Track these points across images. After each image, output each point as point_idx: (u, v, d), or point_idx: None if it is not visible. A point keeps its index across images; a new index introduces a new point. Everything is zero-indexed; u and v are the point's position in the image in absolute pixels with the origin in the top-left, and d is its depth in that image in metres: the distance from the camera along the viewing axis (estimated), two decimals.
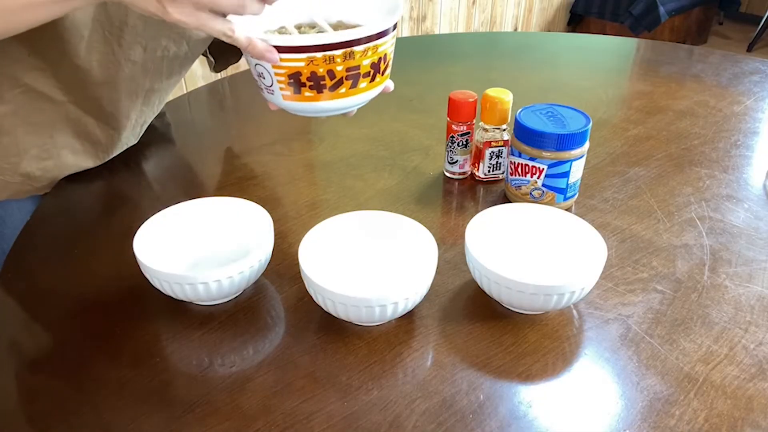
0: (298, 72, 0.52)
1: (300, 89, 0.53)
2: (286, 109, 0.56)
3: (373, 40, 0.53)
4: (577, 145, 0.63)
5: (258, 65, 0.53)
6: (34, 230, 0.67)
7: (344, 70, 0.52)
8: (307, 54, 0.51)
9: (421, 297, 0.52)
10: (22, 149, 0.67)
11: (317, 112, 0.55)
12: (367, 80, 0.55)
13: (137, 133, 0.77)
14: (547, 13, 3.27)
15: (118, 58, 0.64)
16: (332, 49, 0.51)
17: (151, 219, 0.57)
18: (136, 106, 0.71)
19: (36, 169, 0.69)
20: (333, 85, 0.53)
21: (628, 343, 0.51)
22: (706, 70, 1.08)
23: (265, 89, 0.55)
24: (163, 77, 0.72)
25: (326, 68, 0.52)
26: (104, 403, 0.47)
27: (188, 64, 0.75)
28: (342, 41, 0.51)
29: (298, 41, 0.50)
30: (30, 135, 0.66)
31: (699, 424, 0.45)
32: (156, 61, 0.69)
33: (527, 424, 0.45)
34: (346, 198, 0.72)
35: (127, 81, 0.67)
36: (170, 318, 0.55)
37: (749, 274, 0.59)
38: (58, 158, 0.70)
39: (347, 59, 0.52)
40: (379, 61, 0.55)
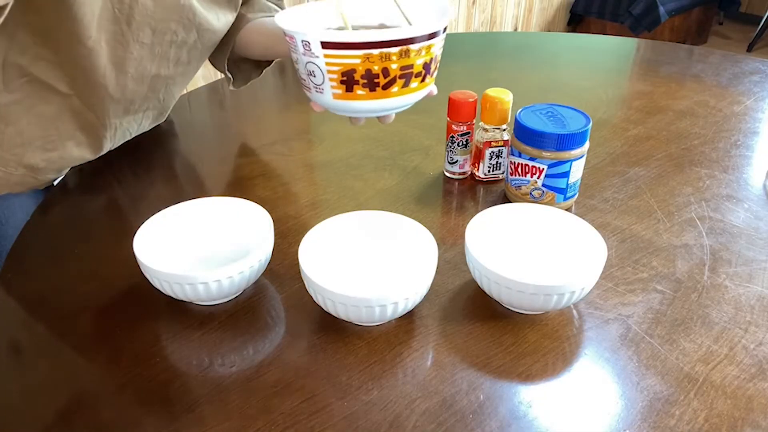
0: (352, 69, 0.51)
1: (353, 87, 0.52)
2: (334, 108, 0.56)
3: (428, 39, 0.52)
4: (577, 145, 0.63)
5: (309, 63, 0.52)
6: (35, 230, 0.67)
7: (398, 69, 0.52)
8: (364, 50, 0.50)
9: (421, 297, 0.52)
10: (27, 140, 0.67)
11: (366, 112, 0.55)
12: (418, 80, 0.54)
13: (139, 120, 0.77)
14: (547, 13, 3.27)
15: (127, 39, 0.64)
16: (390, 46, 0.50)
17: (151, 219, 0.57)
18: (141, 91, 0.71)
19: (40, 160, 0.69)
20: (386, 84, 0.52)
21: (628, 343, 0.51)
22: (706, 70, 1.08)
23: (314, 88, 0.54)
24: (170, 63, 0.71)
25: (381, 66, 0.51)
26: (104, 403, 0.47)
27: (196, 56, 0.75)
28: (401, 38, 0.50)
29: (355, 37, 0.49)
30: (34, 126, 0.66)
31: (699, 424, 0.45)
32: (164, 46, 0.69)
33: (527, 424, 0.45)
34: (346, 198, 0.72)
35: (135, 63, 0.67)
36: (170, 318, 0.55)
37: (749, 274, 0.59)
38: (62, 150, 0.70)
39: (402, 57, 0.51)
40: (430, 62, 0.55)
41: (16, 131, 0.65)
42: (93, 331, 0.54)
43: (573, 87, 1.02)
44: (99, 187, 0.75)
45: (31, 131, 0.66)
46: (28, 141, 0.67)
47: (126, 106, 0.72)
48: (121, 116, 0.73)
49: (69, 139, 0.70)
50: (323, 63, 0.51)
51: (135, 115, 0.75)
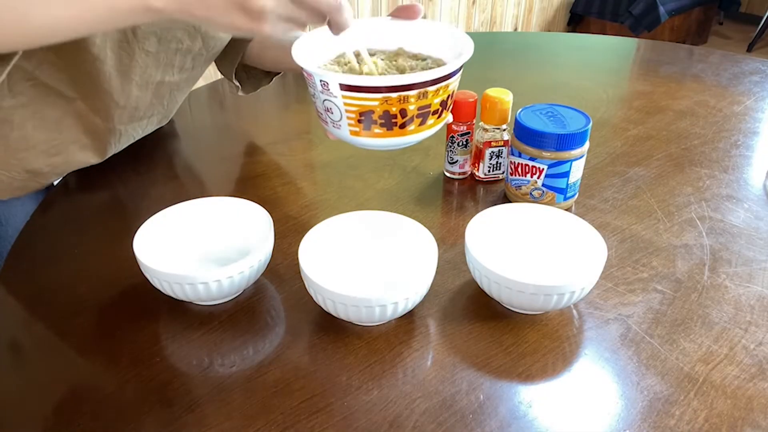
0: (370, 110, 0.51)
1: (370, 126, 0.53)
2: (350, 142, 0.56)
3: (446, 79, 0.52)
4: (577, 145, 0.63)
5: (327, 101, 0.53)
6: (35, 230, 0.67)
7: (416, 109, 0.52)
8: (383, 94, 0.50)
9: (421, 297, 0.52)
10: (31, 144, 0.67)
11: (382, 147, 0.55)
12: (435, 117, 0.55)
13: (144, 125, 0.77)
14: (547, 13, 3.27)
15: (133, 47, 0.64)
16: (408, 89, 0.50)
17: (151, 219, 0.57)
18: (145, 98, 0.71)
19: (44, 165, 0.69)
20: (403, 123, 0.53)
21: (628, 343, 0.51)
22: (706, 70, 1.08)
23: (331, 123, 0.55)
24: (175, 70, 0.71)
25: (399, 107, 0.51)
26: (104, 403, 0.47)
27: (200, 62, 0.75)
28: (418, 82, 0.50)
29: (374, 81, 0.50)
30: (39, 130, 0.66)
31: (699, 424, 0.45)
32: (169, 54, 0.69)
33: (527, 424, 0.45)
34: (346, 198, 0.72)
35: (140, 71, 0.67)
36: (170, 318, 0.55)
37: (749, 274, 0.59)
38: (67, 154, 0.70)
39: (420, 99, 0.52)
40: (447, 98, 0.55)
41: (21, 135, 0.65)
42: (93, 331, 0.54)
43: (573, 87, 1.02)
44: (99, 187, 0.75)
45: (35, 135, 0.66)
46: (32, 145, 0.67)
47: (131, 113, 0.72)
48: (126, 123, 0.73)
49: (73, 143, 0.70)
50: (341, 102, 0.51)
51: (140, 122, 0.76)
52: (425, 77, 0.50)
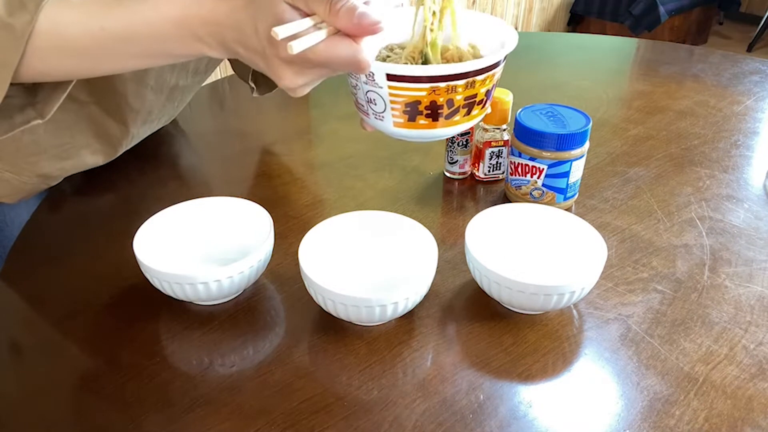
0: (417, 101, 0.50)
1: (416, 117, 0.52)
2: (393, 135, 0.55)
3: (493, 68, 0.52)
4: (577, 145, 0.63)
5: (371, 92, 0.52)
6: (35, 230, 0.67)
7: (463, 99, 0.51)
8: (431, 84, 0.49)
9: (421, 297, 0.52)
10: (43, 148, 0.67)
11: (426, 139, 0.54)
12: (479, 107, 0.54)
13: (153, 127, 0.77)
14: (547, 13, 3.27)
15: None
16: (457, 79, 0.49)
17: (151, 219, 0.57)
18: (159, 101, 0.71)
19: (55, 169, 0.69)
20: (449, 114, 0.52)
21: (628, 343, 0.51)
22: (706, 70, 1.08)
23: (373, 115, 0.54)
24: (189, 74, 0.72)
25: (447, 97, 0.50)
26: (104, 403, 0.47)
27: (213, 65, 0.75)
28: (468, 71, 0.49)
29: (423, 71, 0.49)
30: (51, 134, 0.66)
31: (699, 424, 0.45)
32: None
33: (527, 424, 0.45)
34: (346, 198, 0.72)
35: (155, 76, 0.67)
36: (170, 318, 0.55)
37: (749, 274, 0.59)
38: (77, 158, 0.70)
39: (468, 88, 0.51)
40: (492, 88, 0.54)
41: (32, 140, 0.65)
42: (93, 331, 0.54)
43: (573, 87, 1.02)
44: (99, 187, 0.75)
45: (47, 140, 0.66)
46: (43, 149, 0.67)
47: (144, 117, 0.72)
48: (139, 126, 0.73)
49: (84, 147, 0.70)
50: (387, 93, 0.50)
51: (151, 124, 0.76)
52: (474, 66, 0.49)
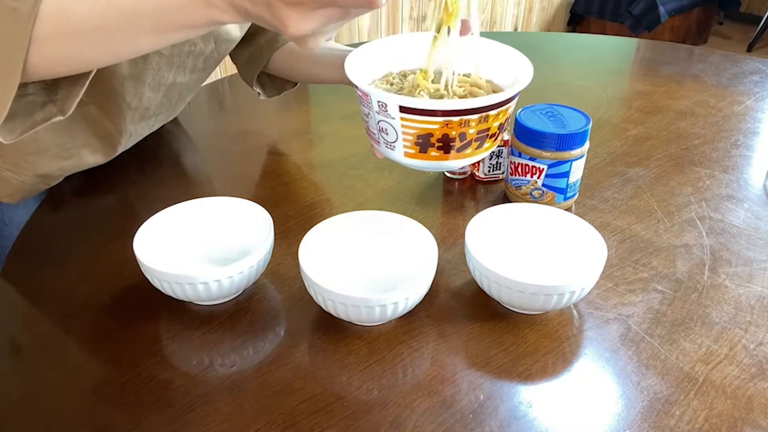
0: (429, 133, 0.50)
1: (427, 149, 0.51)
2: (402, 164, 0.55)
3: (507, 103, 0.52)
4: (577, 145, 0.63)
5: (383, 122, 0.51)
6: (35, 230, 0.67)
7: (476, 133, 0.51)
8: (444, 117, 0.49)
9: (421, 297, 0.52)
10: (43, 148, 0.67)
11: (437, 169, 0.54)
12: (491, 140, 0.54)
13: (151, 124, 0.77)
14: (547, 13, 3.27)
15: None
16: (470, 114, 0.49)
17: (151, 219, 0.57)
18: (156, 99, 0.71)
19: (55, 169, 0.70)
20: (461, 147, 0.52)
21: (628, 343, 0.51)
22: (706, 70, 1.08)
23: (384, 144, 0.54)
24: (186, 71, 0.72)
25: (459, 131, 0.50)
26: (104, 403, 0.47)
27: (212, 64, 0.75)
28: (482, 106, 0.49)
29: (436, 105, 0.48)
30: (50, 133, 0.66)
31: (699, 424, 0.45)
32: (182, 56, 0.69)
33: (527, 424, 0.45)
34: (346, 198, 0.72)
35: (153, 73, 0.67)
36: (170, 318, 0.55)
37: (749, 274, 0.59)
38: (77, 158, 0.70)
39: (481, 122, 0.51)
40: (506, 121, 0.54)
41: (32, 139, 0.65)
42: (93, 331, 0.54)
43: (573, 87, 1.02)
44: (99, 187, 0.75)
45: (47, 139, 0.66)
46: (43, 149, 0.67)
47: (141, 113, 0.72)
48: (136, 122, 0.73)
49: (84, 147, 0.70)
50: (399, 124, 0.50)
51: (148, 121, 0.76)
52: (488, 101, 0.49)
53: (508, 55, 0.58)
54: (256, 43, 0.79)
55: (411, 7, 2.53)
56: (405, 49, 0.60)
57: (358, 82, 0.51)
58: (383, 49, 0.59)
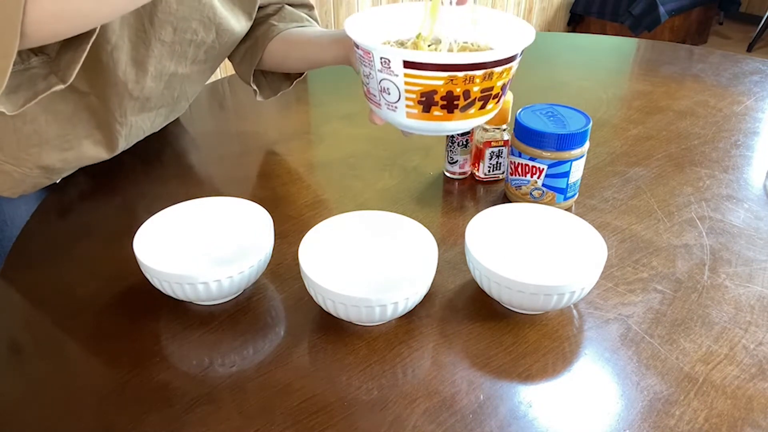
0: (433, 90, 0.49)
1: (430, 108, 0.50)
2: (404, 126, 0.54)
3: (511, 61, 0.50)
4: (577, 145, 0.63)
5: (385, 80, 0.50)
6: (35, 230, 0.67)
7: (479, 91, 0.50)
8: (449, 72, 0.48)
9: (421, 297, 0.52)
10: (44, 139, 0.67)
11: (438, 132, 0.53)
12: (494, 102, 0.53)
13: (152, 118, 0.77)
14: (547, 13, 3.27)
15: (149, 36, 0.64)
16: (476, 68, 0.48)
17: (151, 219, 0.57)
18: (158, 89, 0.71)
19: (57, 160, 0.69)
20: (465, 106, 0.50)
21: (628, 343, 0.51)
22: (706, 70, 1.08)
23: (386, 105, 0.52)
24: (188, 62, 0.72)
25: (464, 88, 0.49)
26: (104, 403, 0.47)
27: (213, 56, 0.74)
28: (487, 61, 0.48)
29: (442, 58, 0.47)
30: (52, 124, 0.66)
31: (699, 424, 0.45)
32: (184, 44, 0.69)
33: (527, 424, 0.45)
34: (346, 198, 0.72)
35: (155, 61, 0.67)
36: (170, 318, 0.55)
37: (749, 274, 0.59)
38: (79, 149, 0.70)
39: (485, 80, 0.49)
40: (508, 82, 0.53)
41: (33, 129, 0.65)
42: (93, 331, 0.54)
43: (573, 87, 1.02)
44: (99, 187, 0.75)
45: (48, 130, 0.66)
46: (45, 140, 0.67)
47: (142, 103, 0.72)
48: (136, 113, 0.72)
49: (86, 137, 0.70)
50: (402, 82, 0.49)
51: (149, 113, 0.75)
52: (493, 57, 0.48)
53: (508, 22, 0.57)
54: (252, 37, 0.79)
55: None
56: (403, 18, 0.58)
57: (360, 38, 0.50)
58: (381, 17, 0.58)
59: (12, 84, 0.53)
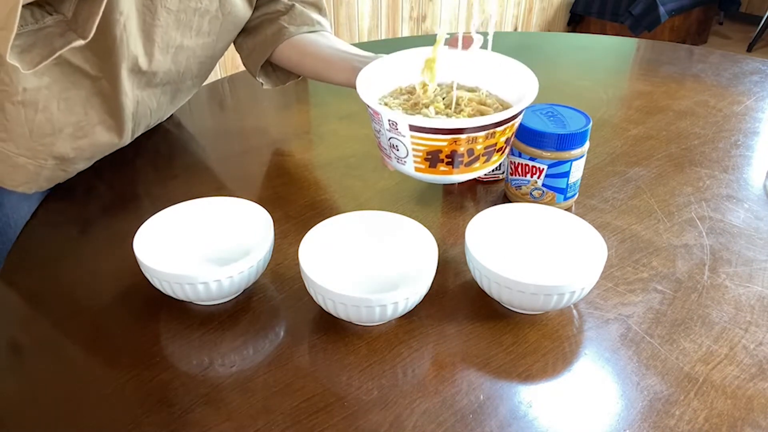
0: (438, 150, 0.53)
1: (436, 164, 0.54)
2: (413, 176, 0.57)
3: (514, 119, 0.53)
4: (577, 145, 0.63)
5: (393, 138, 0.54)
6: (35, 230, 0.67)
7: (483, 148, 0.53)
8: (452, 135, 0.51)
9: (421, 297, 0.52)
10: (57, 128, 0.66)
11: (446, 182, 0.57)
12: (498, 153, 0.56)
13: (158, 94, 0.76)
14: (547, 13, 3.27)
15: (156, 5, 0.65)
16: (477, 131, 0.51)
17: (151, 219, 0.57)
18: (165, 62, 0.71)
19: (70, 149, 0.69)
20: (469, 162, 0.54)
21: (628, 343, 0.51)
22: (706, 70, 1.08)
23: (396, 159, 0.56)
24: (193, 33, 0.72)
25: (467, 147, 0.53)
26: (104, 403, 0.47)
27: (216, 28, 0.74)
28: (488, 123, 0.51)
29: (444, 123, 0.51)
30: (64, 112, 0.66)
31: (699, 424, 0.45)
32: (188, 13, 0.69)
33: (527, 424, 0.45)
34: (346, 198, 0.72)
35: (161, 32, 0.67)
36: (170, 318, 0.55)
37: (749, 274, 0.59)
38: (92, 136, 0.70)
39: (488, 138, 0.53)
40: (512, 135, 0.56)
41: (46, 118, 0.65)
42: (93, 331, 0.54)
43: (573, 87, 1.02)
44: (99, 187, 0.75)
45: (61, 118, 0.66)
46: (58, 129, 0.66)
47: (149, 78, 0.72)
48: (143, 87, 0.72)
49: (99, 124, 0.70)
50: (409, 142, 0.53)
51: (155, 89, 0.75)
52: (494, 119, 0.51)
53: (513, 69, 0.60)
54: (262, 34, 0.80)
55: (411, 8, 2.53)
56: (413, 64, 0.62)
57: (370, 101, 0.54)
58: (392, 65, 0.62)
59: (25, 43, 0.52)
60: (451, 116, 0.57)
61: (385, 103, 0.60)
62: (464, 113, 0.57)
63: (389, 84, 0.62)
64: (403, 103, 0.59)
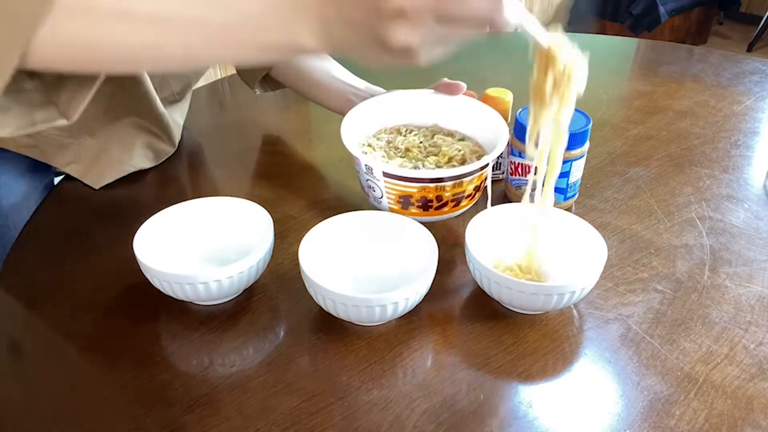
0: (409, 195, 0.58)
1: (408, 207, 0.60)
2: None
3: (480, 171, 0.59)
4: (577, 145, 0.63)
5: (369, 180, 0.60)
6: (35, 230, 0.67)
7: (451, 195, 0.59)
8: (421, 184, 0.57)
9: (421, 297, 0.52)
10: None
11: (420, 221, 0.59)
12: (468, 199, 0.61)
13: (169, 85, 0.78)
14: (547, 13, 3.27)
15: None
16: (444, 181, 0.57)
17: (151, 219, 0.57)
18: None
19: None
20: (438, 206, 0.59)
21: (628, 343, 0.51)
22: (706, 70, 1.08)
23: (373, 198, 0.62)
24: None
25: (435, 194, 0.58)
26: (104, 403, 0.47)
27: None
28: (455, 175, 0.57)
29: (414, 173, 0.57)
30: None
31: (699, 424, 0.45)
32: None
33: (527, 424, 0.45)
34: (346, 198, 0.72)
35: None
36: (170, 318, 0.55)
37: (749, 274, 0.59)
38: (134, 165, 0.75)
39: (455, 187, 0.58)
40: (481, 183, 0.61)
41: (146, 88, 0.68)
42: (93, 331, 0.54)
43: None
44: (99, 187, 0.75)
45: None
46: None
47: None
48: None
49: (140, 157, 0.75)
50: (383, 185, 0.59)
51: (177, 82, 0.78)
52: (460, 171, 0.56)
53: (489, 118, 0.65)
54: None
55: None
56: (397, 106, 0.68)
57: (350, 146, 0.59)
58: (377, 107, 0.67)
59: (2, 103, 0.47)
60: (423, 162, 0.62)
61: (369, 143, 0.65)
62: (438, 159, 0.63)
63: (374, 125, 0.67)
64: (384, 146, 0.65)
